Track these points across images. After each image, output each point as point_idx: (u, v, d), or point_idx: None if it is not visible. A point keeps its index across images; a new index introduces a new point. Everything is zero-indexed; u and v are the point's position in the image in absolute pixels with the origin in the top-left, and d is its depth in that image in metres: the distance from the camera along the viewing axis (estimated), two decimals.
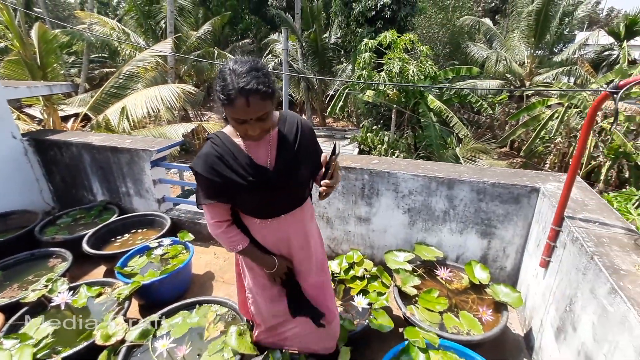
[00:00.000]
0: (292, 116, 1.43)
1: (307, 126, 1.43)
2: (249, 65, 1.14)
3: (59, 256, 2.82)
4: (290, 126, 1.39)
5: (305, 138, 1.40)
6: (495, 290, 2.15)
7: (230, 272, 2.96)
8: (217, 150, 1.31)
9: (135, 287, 2.25)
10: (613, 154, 10.86)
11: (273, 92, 1.17)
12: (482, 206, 2.37)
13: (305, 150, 1.39)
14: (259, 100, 1.13)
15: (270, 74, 1.19)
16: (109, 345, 1.88)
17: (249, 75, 1.12)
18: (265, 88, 1.13)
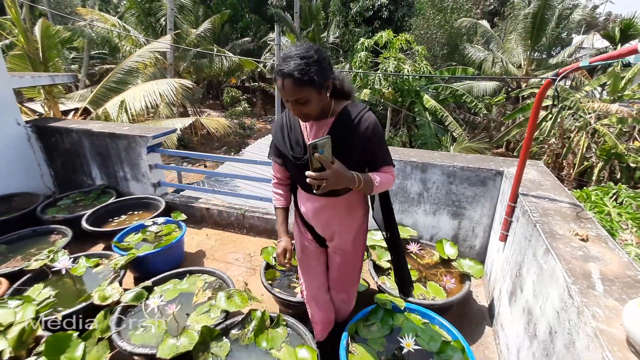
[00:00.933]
0: (357, 111, 1.39)
1: (368, 124, 1.36)
2: (298, 52, 1.22)
3: (60, 232, 3.01)
4: (348, 119, 1.37)
5: (359, 135, 1.36)
6: (460, 263, 2.34)
7: (220, 251, 3.15)
8: (283, 119, 1.51)
9: (130, 257, 2.44)
10: (605, 155, 11.04)
11: (311, 80, 1.20)
12: (452, 188, 2.56)
13: (353, 146, 1.37)
14: (293, 84, 1.20)
15: (321, 64, 1.23)
16: (105, 305, 2.07)
17: (292, 60, 1.20)
18: (300, 75, 1.19)
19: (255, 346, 1.84)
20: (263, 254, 2.53)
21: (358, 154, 1.38)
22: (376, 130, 1.37)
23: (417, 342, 1.64)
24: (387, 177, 1.41)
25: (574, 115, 11.97)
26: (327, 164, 1.20)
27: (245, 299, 2.07)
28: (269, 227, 3.30)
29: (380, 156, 1.42)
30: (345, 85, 1.43)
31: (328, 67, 1.28)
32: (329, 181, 1.21)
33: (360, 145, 1.37)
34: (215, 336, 1.85)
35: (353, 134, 1.36)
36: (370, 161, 1.43)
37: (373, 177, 1.36)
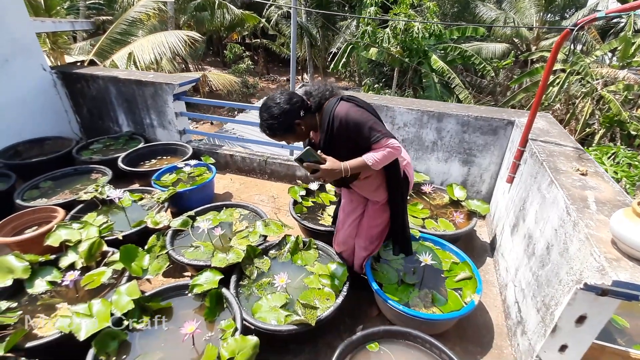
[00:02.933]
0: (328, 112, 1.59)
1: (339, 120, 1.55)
2: (264, 114, 1.57)
3: (99, 172, 3.26)
4: (325, 124, 1.61)
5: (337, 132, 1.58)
6: (469, 203, 2.62)
7: (245, 193, 3.42)
8: None
9: (172, 192, 2.70)
10: (608, 123, 11.13)
11: (277, 133, 1.58)
12: (465, 137, 2.78)
13: (338, 141, 1.61)
14: (267, 136, 1.63)
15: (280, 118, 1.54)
16: (157, 229, 2.35)
17: (261, 120, 1.60)
18: (270, 133, 1.59)
19: (292, 263, 2.15)
20: (290, 192, 2.80)
21: (345, 145, 1.60)
22: (348, 120, 1.53)
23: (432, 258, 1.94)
24: (383, 153, 1.54)
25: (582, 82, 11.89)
26: (316, 166, 1.54)
27: (280, 227, 2.35)
28: (290, 172, 3.55)
29: (365, 138, 1.55)
30: (321, 98, 1.64)
31: (292, 115, 1.56)
32: (324, 177, 1.57)
33: (342, 138, 1.59)
34: (257, 254, 2.15)
35: (332, 132, 1.59)
36: (361, 145, 1.58)
37: (366, 158, 1.55)
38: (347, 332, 2.00)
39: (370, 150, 1.57)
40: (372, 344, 1.66)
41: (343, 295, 1.84)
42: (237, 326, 1.65)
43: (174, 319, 1.80)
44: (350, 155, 1.56)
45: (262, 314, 1.79)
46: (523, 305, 1.84)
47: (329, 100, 1.64)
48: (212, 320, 1.77)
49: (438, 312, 1.81)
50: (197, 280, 1.88)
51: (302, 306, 1.76)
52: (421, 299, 1.90)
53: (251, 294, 1.93)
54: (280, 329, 1.67)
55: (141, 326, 1.73)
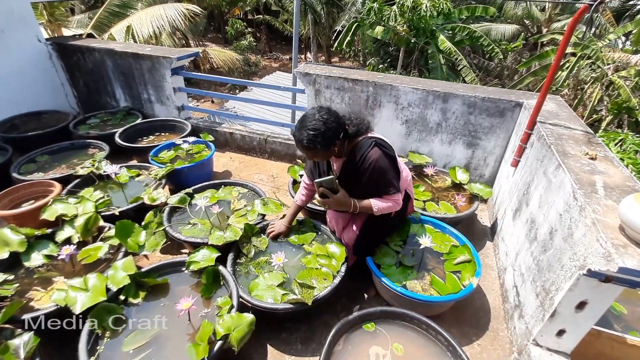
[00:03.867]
0: (362, 150, 1.70)
1: (370, 162, 1.67)
2: (310, 124, 1.55)
3: (97, 147, 3.21)
4: (354, 158, 1.72)
5: (362, 171, 1.71)
6: (471, 186, 2.58)
7: (245, 172, 3.38)
8: None
9: (170, 169, 2.66)
10: (616, 109, 10.90)
11: (315, 148, 1.56)
12: (471, 119, 2.70)
13: (358, 179, 1.73)
14: (301, 147, 1.60)
15: (327, 134, 1.55)
16: (154, 206, 2.33)
17: (304, 130, 1.56)
18: (307, 144, 1.56)
19: (289, 242, 2.13)
20: (290, 172, 2.75)
21: (363, 184, 1.72)
22: (377, 166, 1.67)
23: (432, 241, 1.92)
24: (388, 204, 1.74)
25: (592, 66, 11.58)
26: (330, 194, 1.69)
27: (279, 206, 2.32)
28: (290, 152, 3.49)
29: (382, 186, 1.72)
30: (361, 127, 1.73)
31: (335, 134, 1.59)
32: (330, 205, 1.76)
33: (363, 178, 1.71)
34: (255, 232, 2.12)
35: (358, 170, 1.71)
36: (374, 190, 1.73)
37: (373, 204, 1.72)
38: (344, 312, 2.01)
39: (379, 196, 1.74)
40: (368, 324, 1.66)
41: (341, 276, 1.83)
42: (233, 303, 1.64)
43: (171, 295, 1.79)
44: (360, 192, 1.73)
45: (258, 292, 1.78)
46: (522, 290, 1.82)
47: (364, 135, 1.73)
48: (209, 297, 1.77)
49: (436, 295, 1.80)
50: (194, 257, 1.87)
51: (299, 285, 1.74)
52: (419, 281, 1.88)
53: (248, 272, 1.92)
54: (277, 307, 1.66)
55: (137, 301, 1.73)
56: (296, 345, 1.84)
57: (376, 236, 1.99)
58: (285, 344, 1.84)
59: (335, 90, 2.97)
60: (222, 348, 1.48)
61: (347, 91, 2.93)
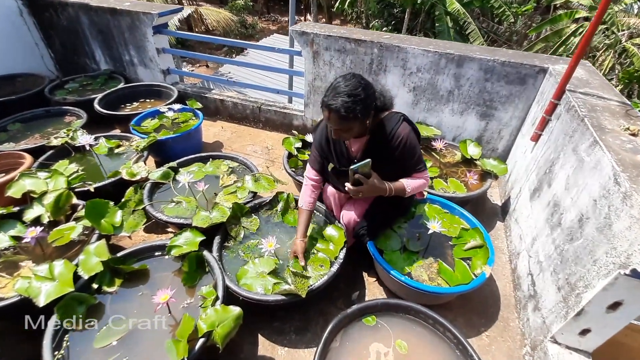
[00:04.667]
0: (391, 126, 1.49)
1: (400, 140, 1.47)
2: (347, 88, 1.29)
3: (74, 114, 2.93)
4: (382, 135, 1.50)
5: (391, 150, 1.50)
6: (484, 162, 2.35)
7: (237, 143, 3.13)
8: (328, 131, 1.55)
9: (152, 140, 2.41)
10: (627, 78, 10.42)
11: (354, 117, 1.31)
12: (487, 86, 2.42)
13: (387, 159, 1.52)
14: (338, 119, 1.32)
15: (366, 101, 1.32)
16: (134, 181, 2.11)
17: (340, 96, 1.29)
18: (345, 113, 1.29)
19: (283, 223, 1.94)
20: (285, 144, 2.51)
21: (391, 164, 1.54)
22: (408, 143, 1.49)
23: (442, 225, 1.72)
24: (420, 182, 1.59)
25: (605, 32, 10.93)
26: (364, 180, 1.43)
27: (272, 182, 2.10)
28: (286, 121, 3.22)
29: (413, 164, 1.56)
30: (386, 101, 1.52)
31: (372, 101, 1.37)
32: (364, 193, 1.47)
33: (392, 157, 1.52)
34: (245, 212, 1.92)
35: (386, 148, 1.51)
36: (404, 169, 1.58)
37: (405, 185, 1.55)
38: (342, 299, 1.85)
39: (408, 175, 1.59)
40: (369, 317, 1.49)
41: (339, 263, 1.64)
42: (218, 294, 1.46)
43: (150, 283, 1.62)
44: (388, 173, 1.54)
45: (247, 280, 1.61)
46: (538, 279, 1.65)
47: (390, 112, 1.54)
48: (193, 286, 1.59)
49: (444, 285, 1.63)
50: (175, 240, 1.67)
51: (292, 274, 1.56)
52: (425, 268, 1.71)
53: (236, 257, 1.74)
54: (267, 299, 1.49)
55: (113, 289, 1.56)
56: (290, 335, 1.69)
57: (381, 220, 1.79)
58: (278, 333, 1.69)
59: (336, 52, 2.65)
60: (204, 346, 1.32)
61: (348, 53, 2.62)
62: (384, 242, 1.80)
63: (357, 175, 1.41)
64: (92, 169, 2.33)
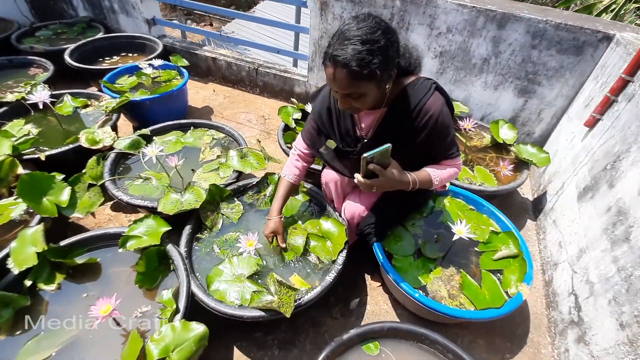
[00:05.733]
0: (418, 96, 1.08)
1: (430, 116, 1.08)
2: (360, 32, 0.89)
3: (40, 66, 2.53)
4: (406, 109, 1.09)
5: (417, 129, 1.11)
6: (520, 149, 1.94)
7: (230, 110, 2.73)
8: (330, 101, 1.23)
9: (124, 101, 2.03)
10: None
11: (371, 75, 0.91)
12: (532, 55, 1.96)
13: (409, 141, 1.13)
14: (347, 78, 0.91)
15: (388, 51, 0.92)
16: (97, 150, 1.75)
17: (351, 43, 0.88)
18: (358, 68, 0.89)
19: None
20: (281, 114, 2.11)
21: (415, 148, 1.15)
22: (440, 121, 1.10)
23: (470, 229, 1.36)
24: (450, 172, 1.21)
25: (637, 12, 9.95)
26: (381, 171, 1.04)
27: (262, 160, 1.74)
28: (287, 87, 2.80)
29: (444, 149, 1.18)
30: (412, 61, 1.12)
31: (395, 55, 0.97)
32: (379, 187, 1.07)
33: (417, 139, 1.13)
34: (225, 197, 1.57)
35: (409, 127, 1.11)
36: (430, 154, 1.19)
37: (433, 176, 1.17)
38: (339, 306, 1.54)
39: (435, 163, 1.21)
40: (370, 343, 1.17)
41: (337, 270, 1.30)
42: (179, 306, 1.14)
43: (101, 280, 1.30)
44: (409, 159, 1.17)
45: (220, 284, 1.28)
46: (587, 305, 1.31)
47: (417, 77, 1.13)
48: (152, 288, 1.28)
49: (467, 304, 1.29)
50: (134, 229, 1.34)
51: (276, 283, 1.22)
52: (445, 282, 1.37)
53: (210, 252, 1.41)
54: (242, 314, 1.16)
55: (51, 288, 1.24)
56: (272, 350, 1.39)
57: (392, 217, 1.44)
58: (258, 347, 1.39)
59: (349, 3, 2.18)
60: None
61: (364, 5, 2.14)
62: (394, 244, 1.45)
63: (371, 166, 1.02)
64: (53, 133, 1.97)
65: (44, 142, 1.85)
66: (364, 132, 1.22)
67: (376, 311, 1.54)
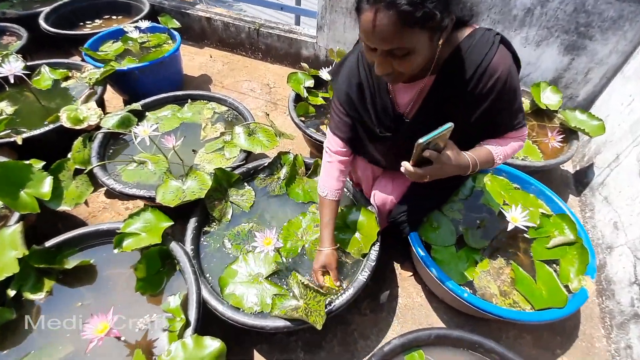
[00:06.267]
0: (480, 55, 0.82)
1: (496, 79, 0.82)
2: None
3: (13, 34, 2.24)
4: (462, 74, 0.84)
5: (477, 97, 0.86)
6: (567, 115, 1.70)
7: (230, 78, 2.45)
8: (360, 69, 0.97)
9: (109, 71, 1.76)
10: None
11: (425, 19, 0.66)
12: (587, 3, 1.66)
13: (465, 114, 0.90)
14: (392, 21, 0.65)
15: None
16: (82, 131, 1.51)
17: None
18: (409, 6, 0.63)
19: (289, 198, 1.38)
20: (290, 82, 1.84)
21: (471, 123, 0.91)
22: (509, 84, 0.85)
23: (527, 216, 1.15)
24: (514, 147, 0.98)
25: None
26: (437, 157, 0.81)
27: (273, 137, 1.51)
28: (292, 50, 2.49)
29: (509, 119, 0.94)
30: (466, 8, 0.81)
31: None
32: (433, 175, 0.85)
33: (477, 111, 0.89)
34: (234, 182, 1.36)
35: (469, 96, 0.86)
36: (490, 128, 0.96)
37: (495, 154, 0.95)
38: (368, 300, 1.37)
39: (498, 136, 0.98)
40: (414, 352, 1.01)
41: (370, 268, 1.12)
42: (189, 319, 0.97)
43: (97, 284, 1.13)
44: (467, 140, 0.95)
45: (236, 287, 1.10)
46: None
47: (474, 29, 0.84)
48: (157, 294, 1.10)
49: (523, 303, 1.11)
50: (129, 225, 1.14)
51: (300, 285, 1.04)
52: (494, 276, 1.19)
53: (221, 249, 1.22)
54: (264, 325, 0.99)
55: (39, 297, 1.07)
56: (297, 353, 1.24)
57: (428, 202, 1.23)
58: (280, 350, 1.24)
59: None
60: None
61: None
62: (431, 232, 1.26)
63: (427, 153, 0.78)
64: (31, 111, 1.72)
65: (21, 122, 1.62)
66: (405, 110, 0.98)
67: (409, 305, 1.38)
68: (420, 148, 0.76)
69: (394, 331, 1.31)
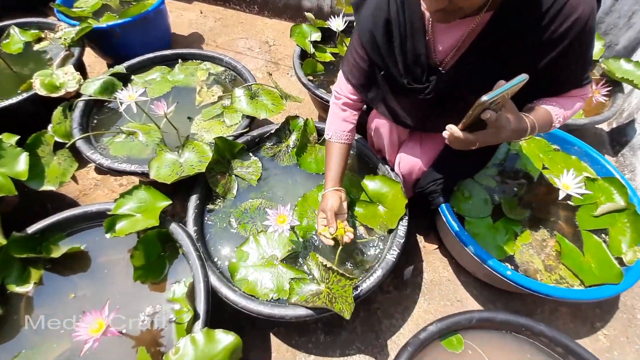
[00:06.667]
0: None
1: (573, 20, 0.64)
2: None
3: None
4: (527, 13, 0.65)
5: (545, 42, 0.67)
6: (611, 65, 1.50)
7: (225, 36, 2.20)
8: (392, 7, 0.76)
9: (85, 29, 1.53)
10: None
11: None
12: None
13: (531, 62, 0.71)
14: None
15: None
16: (60, 98, 1.33)
17: None
18: None
19: (300, 169, 1.23)
20: (295, 36, 1.62)
21: (539, 72, 0.71)
22: (589, 27, 0.66)
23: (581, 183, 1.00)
24: (575, 107, 0.81)
25: None
26: (494, 119, 0.61)
27: (278, 99, 1.32)
28: (293, 2, 2.22)
29: (580, 72, 0.75)
30: None
31: None
32: (483, 142, 0.67)
33: (544, 60, 0.70)
34: (237, 152, 1.20)
35: (535, 40, 0.68)
36: (555, 84, 0.77)
37: (554, 115, 0.77)
38: (390, 277, 1.26)
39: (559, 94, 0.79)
40: (452, 336, 0.90)
41: (399, 246, 0.99)
42: (198, 311, 0.85)
43: (92, 273, 1.00)
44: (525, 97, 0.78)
45: (248, 271, 0.98)
46: None
47: None
48: (159, 281, 0.98)
49: (571, 279, 0.99)
50: (121, 206, 1.00)
51: (321, 267, 0.91)
52: (536, 249, 1.06)
53: (227, 228, 1.08)
54: (283, 315, 0.87)
55: (27, 290, 0.94)
56: (317, 335, 1.14)
57: (462, 170, 1.08)
58: (299, 333, 1.14)
59: None
60: None
61: None
62: (464, 202, 1.12)
63: (487, 114, 0.60)
64: (3, 78, 1.52)
65: None
66: (441, 55, 0.80)
67: (435, 280, 1.27)
68: (481, 107, 0.59)
69: (420, 308, 1.21)
